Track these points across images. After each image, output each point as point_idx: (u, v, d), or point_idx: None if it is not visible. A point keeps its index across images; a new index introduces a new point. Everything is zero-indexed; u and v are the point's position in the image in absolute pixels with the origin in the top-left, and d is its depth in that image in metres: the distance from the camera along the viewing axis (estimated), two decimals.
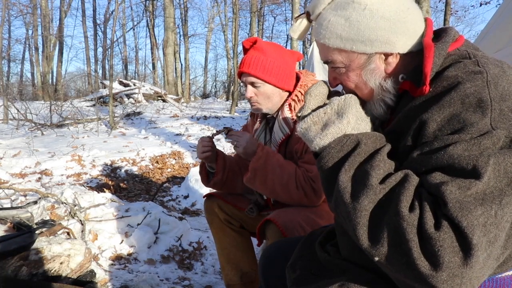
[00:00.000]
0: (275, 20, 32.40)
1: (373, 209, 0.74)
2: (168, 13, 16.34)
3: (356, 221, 0.74)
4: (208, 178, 1.89)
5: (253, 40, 1.69)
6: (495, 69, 0.78)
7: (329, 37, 0.89)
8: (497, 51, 3.17)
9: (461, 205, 0.67)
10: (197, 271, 2.49)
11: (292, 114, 1.65)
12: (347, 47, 0.88)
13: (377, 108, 0.92)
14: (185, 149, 5.95)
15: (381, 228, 0.72)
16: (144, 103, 11.69)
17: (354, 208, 0.75)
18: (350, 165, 0.79)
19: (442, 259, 0.65)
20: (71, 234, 2.43)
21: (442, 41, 0.85)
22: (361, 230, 0.74)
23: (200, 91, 27.97)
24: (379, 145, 0.82)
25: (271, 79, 1.63)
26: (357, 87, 0.93)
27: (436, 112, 0.76)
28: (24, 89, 17.91)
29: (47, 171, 4.61)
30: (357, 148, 0.80)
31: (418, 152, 0.77)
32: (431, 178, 0.73)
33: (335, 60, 0.91)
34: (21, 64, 25.02)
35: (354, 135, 0.82)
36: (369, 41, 0.86)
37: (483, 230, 0.66)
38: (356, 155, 0.80)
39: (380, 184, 0.75)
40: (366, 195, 0.74)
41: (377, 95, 0.91)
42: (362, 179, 0.76)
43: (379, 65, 0.89)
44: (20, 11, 20.73)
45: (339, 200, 0.78)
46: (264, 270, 1.22)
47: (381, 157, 0.78)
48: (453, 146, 0.72)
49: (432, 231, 0.67)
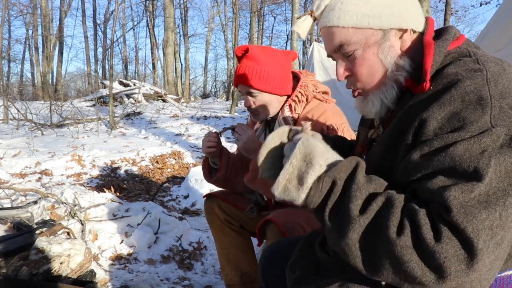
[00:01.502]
0: (275, 20, 32.48)
1: (364, 239, 0.74)
2: (168, 13, 16.34)
3: (352, 255, 0.75)
4: (210, 173, 1.89)
5: (245, 48, 1.68)
6: (495, 67, 0.78)
7: (343, 17, 0.88)
8: (497, 51, 3.17)
9: (466, 210, 0.67)
10: (197, 271, 2.49)
11: (292, 115, 1.65)
12: (363, 24, 0.87)
13: (388, 92, 0.90)
14: (185, 149, 5.95)
15: (378, 256, 0.72)
16: (144, 103, 11.70)
17: (346, 244, 0.75)
18: (331, 203, 0.79)
19: (449, 270, 0.65)
20: (71, 234, 2.43)
21: (443, 39, 0.86)
22: (359, 261, 0.75)
23: (200, 91, 28.01)
24: (350, 172, 0.80)
25: (267, 88, 1.63)
26: (371, 71, 0.91)
27: (436, 110, 0.75)
28: (24, 89, 17.93)
29: (47, 171, 4.61)
30: (335, 186, 0.79)
31: (418, 152, 0.77)
32: (432, 184, 0.72)
33: (350, 40, 0.89)
34: (21, 64, 25.08)
35: (328, 176, 0.79)
36: (385, 16, 0.87)
37: (490, 233, 0.66)
38: (335, 192, 0.79)
39: (362, 214, 0.74)
40: (353, 229, 0.74)
41: (390, 75, 0.90)
42: (344, 214, 0.76)
43: (395, 43, 0.89)
44: (20, 11, 20.76)
45: (332, 239, 0.79)
46: (264, 270, 1.22)
47: (355, 186, 0.77)
48: (454, 147, 0.72)
49: (433, 244, 0.67)
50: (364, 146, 1.08)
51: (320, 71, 7.54)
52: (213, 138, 1.73)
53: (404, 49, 0.90)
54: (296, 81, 1.72)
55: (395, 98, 0.90)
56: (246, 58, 1.66)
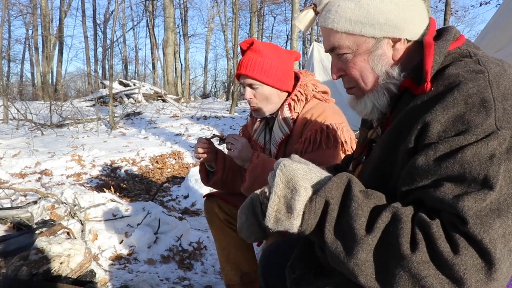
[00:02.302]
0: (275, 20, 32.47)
1: (375, 257, 0.72)
2: (168, 13, 16.33)
3: (362, 275, 0.72)
4: (208, 177, 1.89)
5: (250, 41, 1.68)
6: (496, 68, 0.78)
7: (338, 20, 0.88)
8: (497, 51, 3.17)
9: (481, 220, 0.66)
10: (197, 271, 2.49)
11: (291, 114, 1.65)
12: (356, 31, 0.87)
13: (380, 98, 0.90)
14: (185, 149, 5.95)
15: (391, 274, 0.70)
16: (144, 103, 11.70)
17: (355, 264, 0.72)
18: (330, 224, 0.76)
19: (469, 282, 0.65)
20: (71, 234, 2.43)
21: (443, 39, 0.86)
22: (371, 280, 0.72)
23: (200, 91, 28.01)
24: (344, 189, 0.78)
25: (268, 80, 1.63)
26: (362, 75, 0.91)
27: (439, 113, 0.75)
28: (24, 89, 17.93)
29: (47, 171, 4.61)
30: (329, 205, 0.77)
31: (424, 157, 0.75)
32: (442, 193, 0.71)
33: (342, 45, 0.90)
34: (21, 64, 25.09)
35: (319, 196, 0.77)
36: (379, 25, 0.86)
37: (503, 241, 0.66)
38: (331, 212, 0.77)
39: (368, 233, 0.72)
40: (361, 249, 0.72)
41: (382, 83, 0.90)
42: (349, 234, 0.74)
43: (387, 51, 0.89)
44: (20, 11, 20.76)
45: (336, 260, 0.76)
46: (264, 270, 1.22)
47: (356, 204, 0.75)
48: (462, 153, 0.70)
49: (452, 257, 0.66)
50: (364, 146, 1.08)
51: (320, 71, 7.54)
52: (204, 144, 1.72)
53: (396, 58, 0.89)
54: (296, 80, 1.72)
55: (386, 105, 0.91)
56: (251, 50, 1.66)
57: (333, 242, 0.75)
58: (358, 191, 0.78)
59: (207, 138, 1.75)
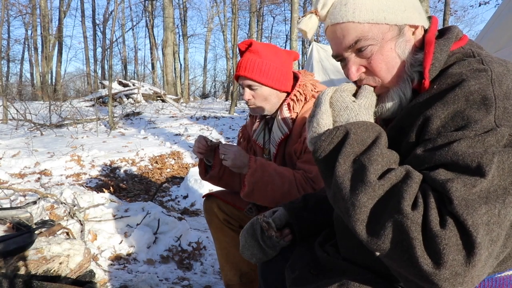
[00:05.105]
0: (274, 20, 32.48)
1: (373, 204, 0.73)
2: (167, 13, 16.33)
3: (355, 217, 0.73)
4: (206, 171, 1.89)
5: (248, 42, 1.68)
6: (499, 67, 0.78)
7: (358, 13, 0.86)
8: (497, 51, 3.17)
9: (467, 203, 0.66)
10: (197, 271, 2.49)
11: (291, 114, 1.65)
12: (379, 19, 0.86)
13: (406, 89, 0.88)
14: (185, 149, 5.95)
15: (382, 225, 0.71)
16: (143, 103, 11.69)
17: (352, 204, 0.73)
18: (344, 157, 0.78)
19: (446, 257, 0.65)
20: (70, 234, 2.43)
21: (444, 38, 0.86)
22: (360, 226, 0.73)
23: (199, 91, 28.02)
24: (372, 135, 0.80)
25: (267, 81, 1.63)
26: (388, 66, 0.88)
27: (440, 109, 0.75)
28: (23, 89, 17.90)
29: (47, 171, 4.61)
30: (347, 138, 0.78)
31: (422, 148, 0.77)
32: (435, 174, 0.72)
33: (367, 36, 0.86)
34: (20, 64, 25.00)
35: (343, 126, 0.81)
36: (400, 12, 0.86)
37: (486, 229, 0.66)
38: (347, 146, 0.78)
39: (379, 180, 0.73)
40: (365, 192, 0.73)
41: (408, 70, 0.88)
42: (360, 174, 0.75)
43: (410, 37, 0.89)
44: (19, 11, 20.71)
45: (337, 195, 0.77)
46: (263, 270, 1.22)
47: (378, 151, 0.77)
48: (457, 143, 0.72)
49: (437, 229, 0.66)
50: None
51: (319, 71, 7.53)
52: (203, 145, 1.73)
53: (418, 45, 0.89)
54: (295, 80, 1.72)
55: (409, 96, 0.88)
56: (249, 51, 1.66)
57: (341, 177, 0.77)
58: (385, 142, 0.80)
59: (206, 140, 1.75)
